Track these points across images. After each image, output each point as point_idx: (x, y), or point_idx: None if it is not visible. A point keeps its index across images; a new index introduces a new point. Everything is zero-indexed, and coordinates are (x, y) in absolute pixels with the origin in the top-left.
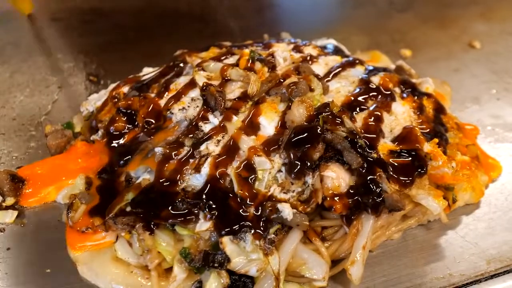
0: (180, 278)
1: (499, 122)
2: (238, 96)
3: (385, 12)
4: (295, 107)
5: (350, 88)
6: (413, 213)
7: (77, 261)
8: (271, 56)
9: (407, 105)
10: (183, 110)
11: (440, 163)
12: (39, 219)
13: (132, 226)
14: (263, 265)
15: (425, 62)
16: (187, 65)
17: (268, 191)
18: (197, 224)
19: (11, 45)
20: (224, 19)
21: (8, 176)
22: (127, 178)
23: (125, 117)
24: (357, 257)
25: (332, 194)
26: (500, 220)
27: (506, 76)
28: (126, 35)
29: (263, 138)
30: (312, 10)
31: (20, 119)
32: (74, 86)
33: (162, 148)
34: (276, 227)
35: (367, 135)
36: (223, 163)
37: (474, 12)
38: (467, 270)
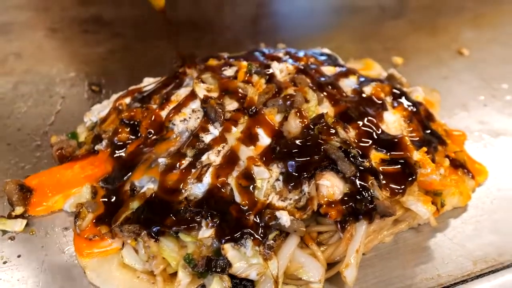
0: (184, 282)
1: (486, 128)
2: (236, 108)
3: (378, 20)
4: (292, 119)
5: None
6: (403, 218)
7: (86, 267)
8: (268, 67)
9: (398, 114)
10: (184, 121)
11: (428, 170)
12: (47, 227)
13: (137, 233)
14: (262, 269)
15: (416, 69)
16: (187, 76)
17: (267, 199)
18: (200, 231)
19: (14, 55)
20: (222, 28)
21: (17, 186)
22: (132, 188)
23: (128, 128)
24: (351, 260)
25: (327, 202)
26: (486, 222)
27: (493, 82)
28: (126, 45)
29: (261, 148)
30: (306, 19)
31: (25, 129)
32: (77, 96)
33: (165, 159)
34: (275, 233)
35: (360, 145)
36: (223, 172)
37: (464, 19)
38: (455, 270)
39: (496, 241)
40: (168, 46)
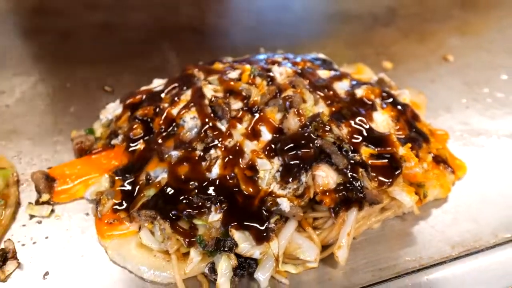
0: (196, 260)
1: (467, 128)
2: (241, 107)
3: (370, 27)
4: (291, 117)
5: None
6: (390, 206)
7: (107, 247)
8: (269, 71)
9: (386, 114)
10: (194, 119)
11: (412, 164)
12: (70, 213)
13: (154, 217)
14: (265, 249)
15: (404, 73)
16: (194, 78)
17: (269, 187)
18: (210, 215)
19: (31, 57)
20: (223, 33)
21: (43, 176)
22: (147, 177)
23: (142, 124)
24: (343, 243)
25: (322, 190)
26: (464, 212)
27: (475, 87)
28: (133, 48)
29: (264, 143)
30: (303, 26)
31: (44, 125)
32: (91, 95)
33: (178, 152)
34: (276, 218)
35: (352, 141)
36: (230, 164)
37: (450, 27)
38: (435, 253)
39: (472, 228)
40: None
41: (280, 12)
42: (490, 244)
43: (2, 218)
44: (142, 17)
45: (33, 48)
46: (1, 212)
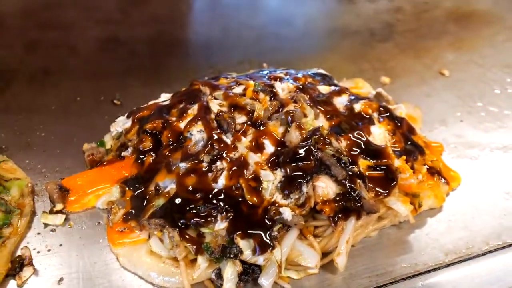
0: (203, 266)
1: (461, 140)
2: (245, 121)
3: (368, 42)
4: (293, 131)
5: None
6: (386, 215)
7: (118, 254)
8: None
9: (383, 128)
10: (200, 132)
11: (407, 175)
12: (83, 222)
13: (163, 226)
14: (268, 256)
15: (401, 88)
16: (201, 93)
17: (272, 197)
18: (216, 224)
19: (42, 71)
20: (228, 48)
21: (57, 186)
22: (156, 188)
23: (151, 137)
24: (342, 250)
25: (322, 200)
26: (457, 221)
27: (469, 100)
28: (142, 62)
29: (267, 155)
30: (303, 41)
31: (56, 138)
32: (101, 109)
33: (186, 163)
34: (279, 226)
35: (350, 153)
36: (235, 175)
37: (445, 43)
38: (429, 260)
39: (465, 236)
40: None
41: (281, 27)
42: (482, 251)
43: (19, 227)
44: (149, 31)
45: (44, 62)
46: (17, 221)
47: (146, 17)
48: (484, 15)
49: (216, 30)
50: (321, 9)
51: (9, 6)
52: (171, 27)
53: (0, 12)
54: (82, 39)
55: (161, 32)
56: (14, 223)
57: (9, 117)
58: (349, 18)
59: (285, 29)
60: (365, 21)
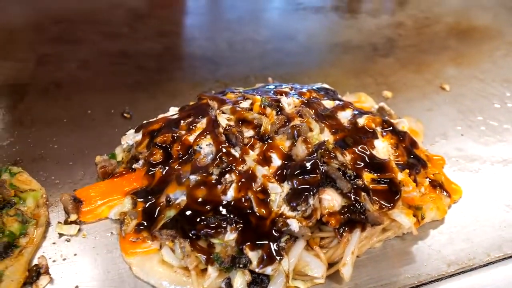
0: (213, 276)
1: (462, 154)
2: (253, 135)
3: (370, 57)
4: (299, 145)
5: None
6: (390, 227)
7: (131, 264)
8: (278, 101)
9: (386, 142)
10: (209, 145)
11: (410, 188)
12: (96, 232)
13: (174, 236)
14: (276, 266)
15: (403, 102)
16: (209, 107)
17: (279, 209)
18: (226, 235)
19: (54, 84)
20: (233, 62)
21: (71, 197)
22: (167, 199)
23: (161, 150)
24: (348, 260)
25: (328, 212)
26: (459, 233)
27: (470, 115)
28: (149, 76)
29: (274, 168)
30: (306, 55)
31: (68, 150)
32: (111, 121)
33: (196, 176)
34: (286, 237)
35: (355, 166)
36: (244, 187)
37: (446, 58)
38: (432, 271)
39: (466, 248)
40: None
41: (284, 42)
42: (483, 262)
43: (35, 236)
44: (156, 46)
45: (55, 75)
46: (33, 231)
47: (153, 32)
48: (484, 30)
49: (221, 45)
50: (323, 24)
51: (20, 21)
52: (177, 41)
53: (12, 26)
54: (92, 53)
55: (168, 46)
56: (30, 233)
57: (23, 129)
58: (351, 33)
59: (288, 44)
60: (367, 36)
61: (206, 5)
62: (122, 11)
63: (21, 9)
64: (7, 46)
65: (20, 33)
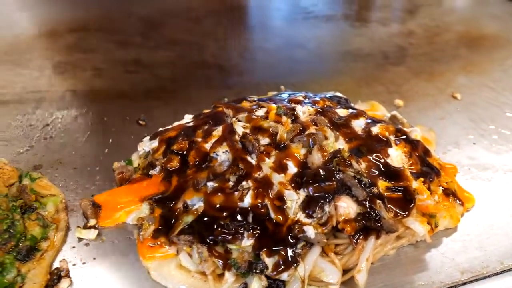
0: (230, 281)
1: (474, 162)
2: (268, 142)
3: (381, 65)
4: (315, 153)
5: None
6: (404, 235)
7: (149, 268)
8: (293, 109)
9: (399, 150)
10: (226, 152)
11: (424, 197)
12: (114, 237)
13: (192, 242)
14: (292, 272)
15: (415, 111)
16: (225, 115)
17: (296, 216)
18: (243, 241)
19: (70, 91)
20: (244, 70)
21: (90, 203)
22: (184, 205)
23: (178, 157)
24: (362, 267)
25: (343, 220)
26: (472, 241)
27: (482, 123)
28: (163, 84)
29: (290, 176)
30: (318, 64)
31: (86, 156)
32: (127, 128)
33: (213, 183)
34: (302, 244)
35: (370, 174)
36: (260, 194)
37: (457, 66)
38: (445, 279)
39: (480, 256)
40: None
41: (295, 51)
42: (496, 270)
43: (55, 240)
44: (170, 54)
45: (71, 83)
46: (54, 235)
47: (166, 41)
48: (494, 39)
49: (233, 53)
50: (334, 32)
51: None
52: (190, 50)
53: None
54: (106, 61)
55: (180, 55)
56: (51, 237)
57: (41, 136)
58: (362, 41)
59: (299, 52)
60: (378, 44)
61: (219, 14)
62: (135, 20)
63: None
64: (24, 54)
65: (37, 41)
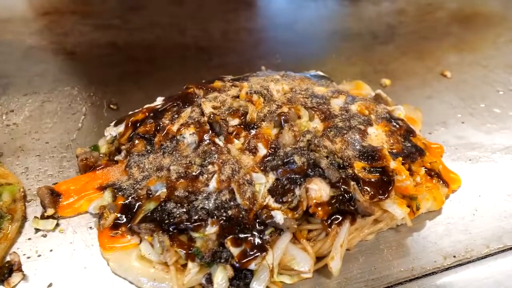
0: (193, 271)
1: (462, 142)
2: (238, 123)
3: (370, 44)
4: (286, 132)
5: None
6: (382, 218)
7: (109, 259)
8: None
9: (380, 129)
10: (192, 135)
11: (403, 177)
12: (74, 226)
13: (153, 231)
14: (260, 260)
15: (402, 90)
16: (194, 96)
17: (264, 201)
18: (206, 228)
19: (39, 76)
20: (226, 52)
21: (48, 191)
22: (148, 192)
23: (144, 140)
24: (336, 254)
25: (315, 203)
26: (456, 224)
27: (471, 102)
28: (139, 67)
29: (259, 158)
30: (303, 44)
31: (52, 142)
32: (97, 113)
33: (176, 167)
34: (271, 230)
35: (345, 154)
36: (227, 178)
37: (448, 44)
38: (427, 264)
39: (464, 239)
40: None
41: (281, 31)
42: (482, 254)
43: (9, 232)
44: (148, 37)
45: (41, 68)
46: (8, 226)
47: (146, 23)
48: (487, 17)
49: (215, 34)
50: (322, 12)
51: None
52: (170, 32)
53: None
54: (80, 44)
55: (160, 37)
56: (5, 229)
57: (3, 122)
58: (351, 21)
59: (285, 32)
60: (367, 23)
61: None
62: (114, 3)
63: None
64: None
65: (7, 24)
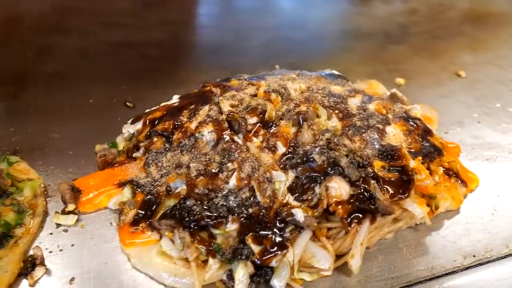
0: (214, 267)
1: (478, 142)
2: (257, 121)
3: (382, 44)
4: (305, 131)
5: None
6: (402, 217)
7: (129, 255)
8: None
9: (398, 129)
10: (211, 133)
11: (423, 176)
12: (94, 222)
13: (173, 227)
14: (281, 257)
15: (416, 89)
16: (212, 94)
17: (284, 198)
18: (227, 225)
19: (54, 74)
20: (240, 50)
21: (69, 187)
22: (167, 188)
23: (162, 138)
24: (356, 252)
25: (335, 201)
26: (475, 224)
27: (486, 101)
28: (154, 65)
29: (279, 156)
30: (317, 43)
31: (69, 139)
32: (114, 111)
33: (196, 164)
34: (291, 227)
35: (364, 153)
36: (246, 176)
37: (461, 43)
38: (446, 263)
39: (483, 239)
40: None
41: (294, 30)
42: (501, 254)
43: (31, 227)
44: (161, 35)
45: (57, 66)
46: (30, 221)
47: (159, 21)
48: (500, 16)
49: (229, 33)
50: (334, 11)
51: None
52: (184, 30)
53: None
54: (92, 43)
55: (174, 35)
56: (27, 223)
57: (24, 119)
58: (363, 20)
59: (298, 31)
60: (379, 23)
61: None
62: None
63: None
64: (7, 36)
65: (20, 23)
